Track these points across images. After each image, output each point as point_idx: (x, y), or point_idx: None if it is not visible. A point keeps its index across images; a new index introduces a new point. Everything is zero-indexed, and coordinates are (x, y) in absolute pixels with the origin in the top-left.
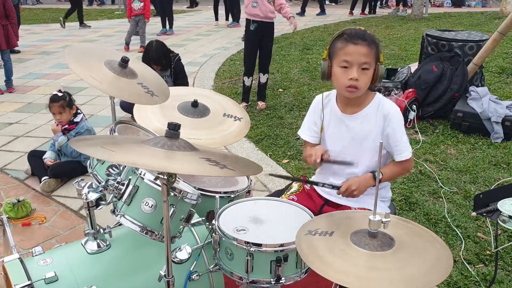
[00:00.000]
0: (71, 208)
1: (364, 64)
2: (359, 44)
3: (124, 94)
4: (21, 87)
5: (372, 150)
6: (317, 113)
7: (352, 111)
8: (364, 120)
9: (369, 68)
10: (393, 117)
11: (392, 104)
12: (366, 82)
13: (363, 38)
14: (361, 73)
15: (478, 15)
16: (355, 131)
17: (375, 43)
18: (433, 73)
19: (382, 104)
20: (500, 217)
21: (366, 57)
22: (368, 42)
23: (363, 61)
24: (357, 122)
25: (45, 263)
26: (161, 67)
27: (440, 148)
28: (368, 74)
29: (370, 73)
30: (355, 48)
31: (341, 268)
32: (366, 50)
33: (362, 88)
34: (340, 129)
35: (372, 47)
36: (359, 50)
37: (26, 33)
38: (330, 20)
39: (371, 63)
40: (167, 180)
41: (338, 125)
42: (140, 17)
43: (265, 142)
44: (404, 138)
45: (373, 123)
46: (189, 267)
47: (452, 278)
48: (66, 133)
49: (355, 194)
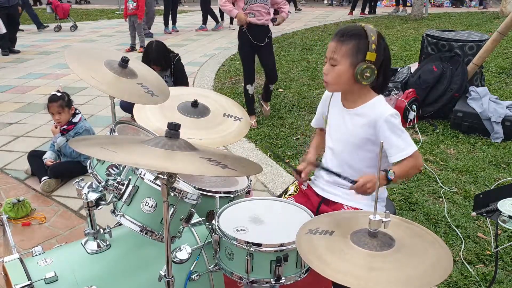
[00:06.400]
0: (71, 208)
1: (330, 60)
2: (333, 40)
3: (124, 94)
4: (21, 87)
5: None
6: (325, 105)
7: (351, 106)
8: (359, 116)
9: (336, 64)
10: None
11: (385, 108)
12: (334, 77)
13: (340, 33)
14: (329, 69)
15: (478, 15)
16: (351, 126)
17: (357, 39)
18: (433, 73)
19: (377, 106)
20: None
21: (333, 53)
22: (344, 37)
23: (329, 56)
24: (354, 117)
25: (45, 263)
26: (161, 68)
27: (440, 148)
28: (336, 70)
29: (338, 69)
30: (330, 43)
31: (340, 268)
32: (334, 45)
33: (330, 82)
34: (339, 123)
35: (345, 43)
36: (330, 45)
37: (26, 33)
38: (330, 20)
39: (340, 60)
40: (167, 180)
41: (339, 118)
42: (134, 18)
43: (265, 142)
44: (395, 140)
45: (365, 121)
46: (189, 267)
47: (452, 278)
48: (64, 133)
49: (369, 192)
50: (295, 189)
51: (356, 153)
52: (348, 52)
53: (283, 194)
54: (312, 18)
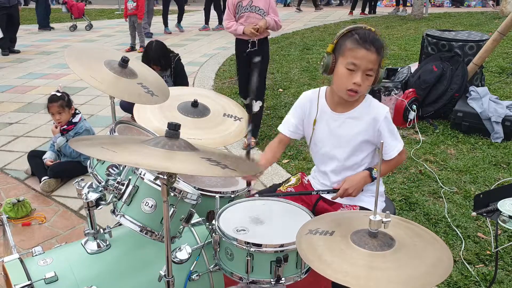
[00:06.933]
0: (71, 208)
1: (369, 71)
2: (370, 51)
3: (124, 94)
4: (21, 87)
5: (358, 149)
6: (307, 109)
7: (342, 110)
8: (354, 119)
9: (373, 74)
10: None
11: (381, 105)
12: (367, 87)
13: (375, 43)
14: (364, 79)
15: (478, 15)
16: (345, 130)
17: (383, 49)
18: (433, 73)
19: (372, 105)
20: (500, 217)
21: (374, 64)
22: (378, 48)
23: (370, 67)
24: (348, 121)
25: (45, 263)
26: (161, 67)
27: (440, 148)
28: (370, 79)
29: (372, 78)
30: (366, 53)
31: (340, 268)
32: (375, 57)
33: (362, 92)
34: (329, 128)
35: (380, 54)
36: (369, 56)
37: (26, 33)
38: (330, 20)
39: (376, 70)
40: (167, 180)
41: (328, 123)
42: (134, 18)
43: (265, 142)
44: (391, 138)
45: (362, 123)
46: (189, 267)
47: (452, 278)
48: (64, 133)
49: (354, 195)
50: (297, 180)
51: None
52: (379, 61)
53: (284, 183)
54: (312, 18)
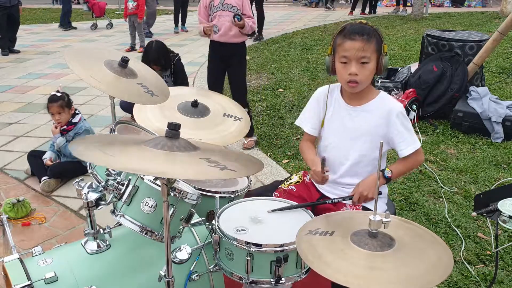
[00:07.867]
0: (71, 208)
1: (362, 59)
2: (356, 40)
3: (124, 94)
4: (21, 87)
5: (370, 144)
6: (321, 104)
7: (357, 103)
8: (369, 113)
9: (369, 61)
10: (398, 114)
11: (395, 101)
12: (367, 75)
13: (360, 32)
14: (360, 68)
15: (478, 15)
16: (359, 123)
17: (375, 35)
18: (433, 73)
19: (387, 100)
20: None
21: (364, 51)
22: (366, 36)
23: (360, 55)
24: (362, 114)
25: (45, 263)
26: (161, 67)
27: (440, 148)
28: (368, 67)
29: (370, 66)
30: (352, 43)
31: (340, 268)
32: (363, 44)
33: (363, 81)
34: (343, 121)
35: (370, 40)
36: (355, 45)
37: (26, 33)
38: (330, 20)
39: (371, 57)
40: (167, 180)
41: (342, 116)
42: (134, 17)
43: (265, 142)
44: (407, 134)
45: (377, 117)
46: (189, 267)
47: (452, 278)
48: (64, 134)
49: (370, 197)
50: (298, 178)
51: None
52: (376, 48)
53: (285, 181)
54: (312, 18)
